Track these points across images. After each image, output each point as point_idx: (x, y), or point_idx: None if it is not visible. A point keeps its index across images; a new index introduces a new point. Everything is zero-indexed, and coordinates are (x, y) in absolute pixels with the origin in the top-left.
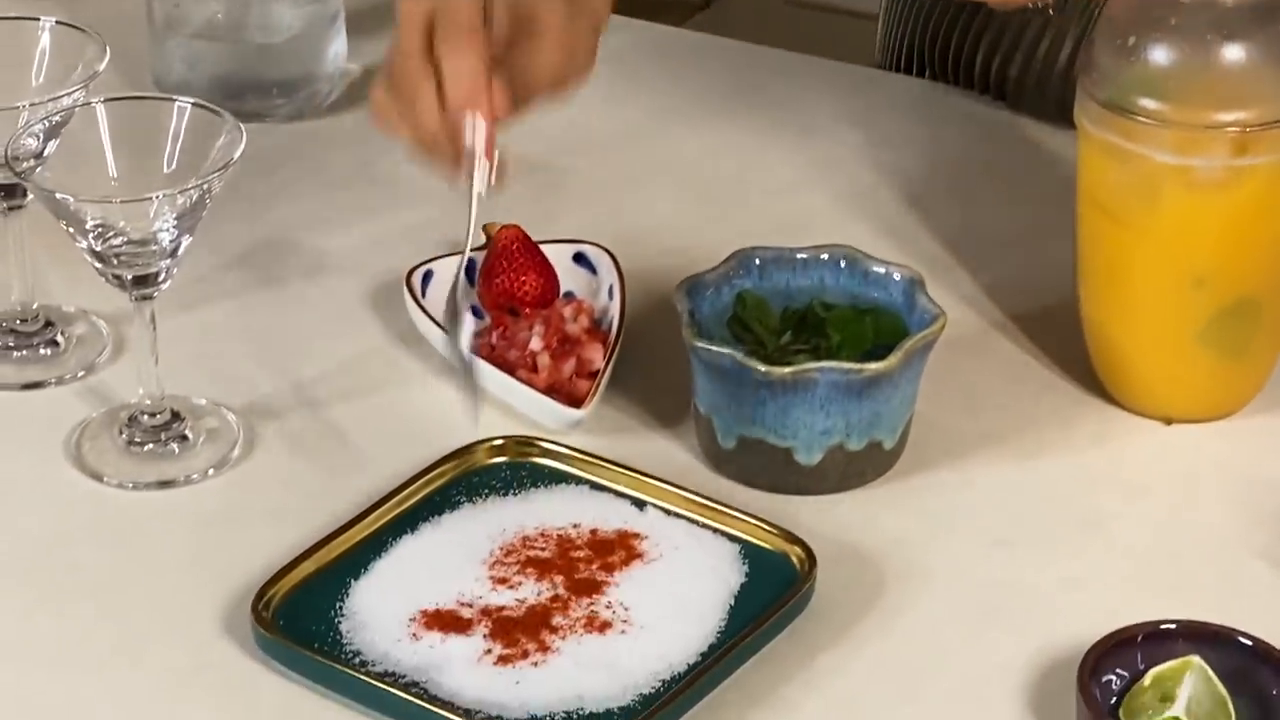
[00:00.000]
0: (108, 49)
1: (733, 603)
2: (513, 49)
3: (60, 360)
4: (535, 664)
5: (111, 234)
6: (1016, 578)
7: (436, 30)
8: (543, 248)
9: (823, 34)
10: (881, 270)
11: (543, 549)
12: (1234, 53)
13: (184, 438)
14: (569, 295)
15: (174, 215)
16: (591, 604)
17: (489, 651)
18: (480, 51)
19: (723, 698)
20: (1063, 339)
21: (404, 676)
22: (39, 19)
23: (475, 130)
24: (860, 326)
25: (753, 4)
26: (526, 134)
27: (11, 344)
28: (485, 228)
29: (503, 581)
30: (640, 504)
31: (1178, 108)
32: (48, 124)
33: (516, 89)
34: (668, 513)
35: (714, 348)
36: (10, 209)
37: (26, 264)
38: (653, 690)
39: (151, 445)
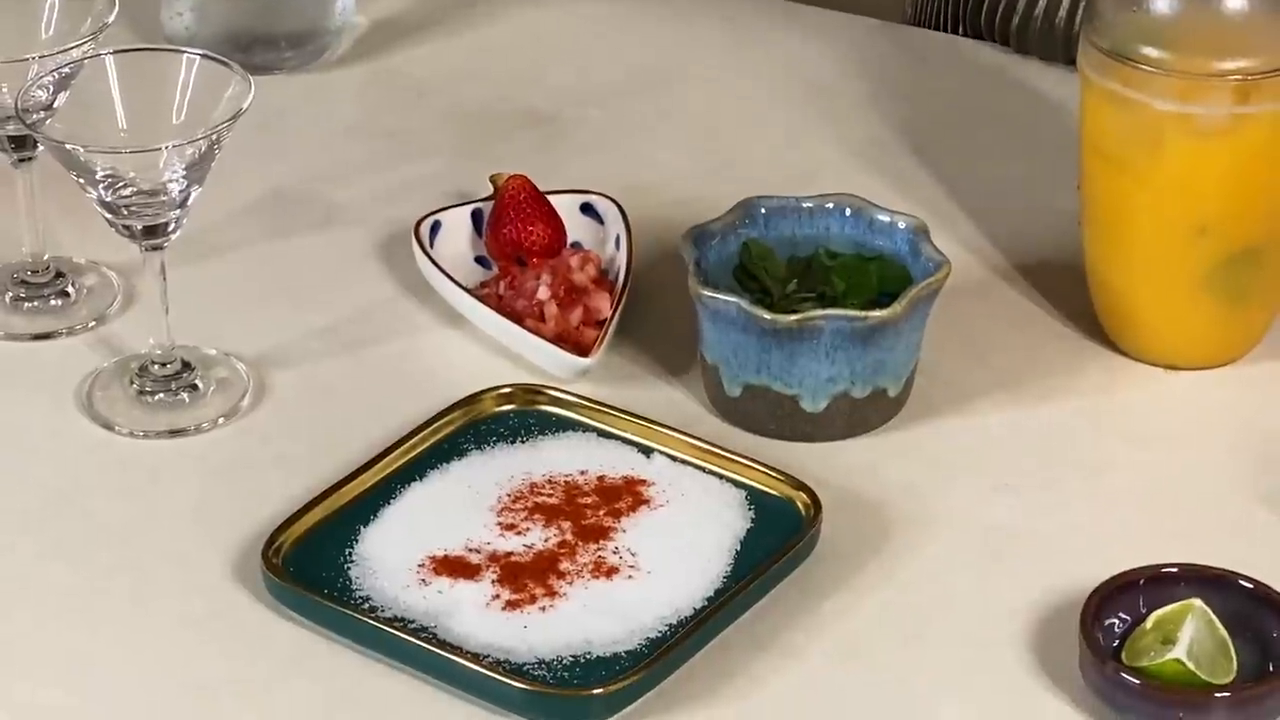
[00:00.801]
0: (116, 1)
1: (739, 548)
2: None
3: (71, 311)
4: (543, 609)
5: (121, 184)
6: (1020, 523)
7: None
8: (550, 198)
9: None
10: (886, 219)
11: (550, 495)
12: (1235, 1)
13: (194, 387)
14: (576, 245)
15: (183, 165)
16: (599, 550)
17: (497, 597)
18: None
19: (729, 641)
20: (1067, 287)
21: (413, 622)
22: None
23: None
24: (865, 275)
25: None
26: (534, 86)
27: (23, 295)
28: (492, 178)
29: (511, 528)
30: (647, 451)
31: (1180, 55)
32: (57, 76)
33: None
34: (674, 460)
35: (720, 296)
36: (21, 161)
37: (37, 216)
38: (659, 634)
39: (162, 395)
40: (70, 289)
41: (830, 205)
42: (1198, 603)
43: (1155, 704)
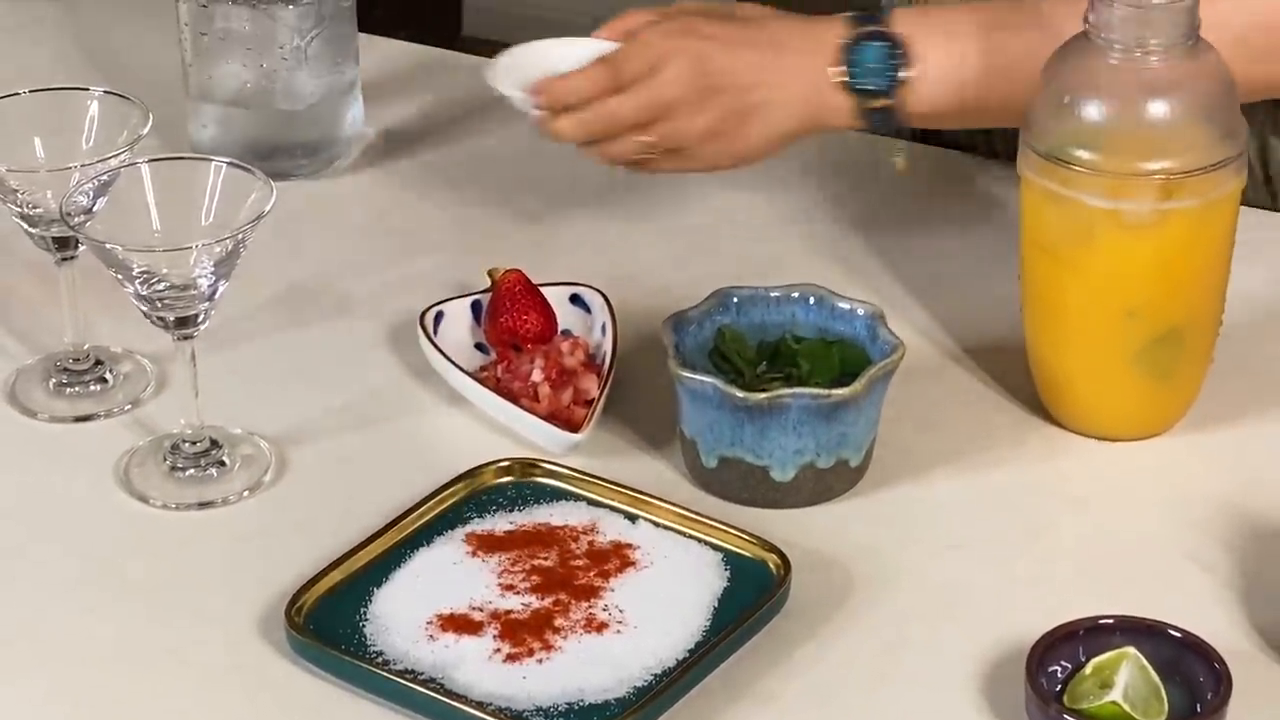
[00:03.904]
0: (150, 115)
1: (716, 605)
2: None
3: (109, 395)
4: (540, 661)
5: (155, 280)
6: (971, 579)
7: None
8: (542, 290)
9: None
10: (846, 306)
11: (545, 558)
12: (1158, 109)
13: (221, 463)
14: (566, 332)
15: (211, 262)
16: (590, 607)
17: (498, 650)
18: None
19: (709, 689)
20: (1009, 367)
21: (422, 674)
22: (89, 89)
23: None
24: (828, 357)
25: None
26: (527, 189)
27: (65, 381)
28: (490, 272)
29: (510, 588)
30: (632, 518)
31: (1109, 158)
32: (97, 183)
33: None
34: (657, 525)
35: (697, 377)
36: (64, 259)
37: (78, 309)
38: (646, 683)
39: (192, 470)
40: (108, 375)
41: (796, 294)
42: (1132, 650)
43: None
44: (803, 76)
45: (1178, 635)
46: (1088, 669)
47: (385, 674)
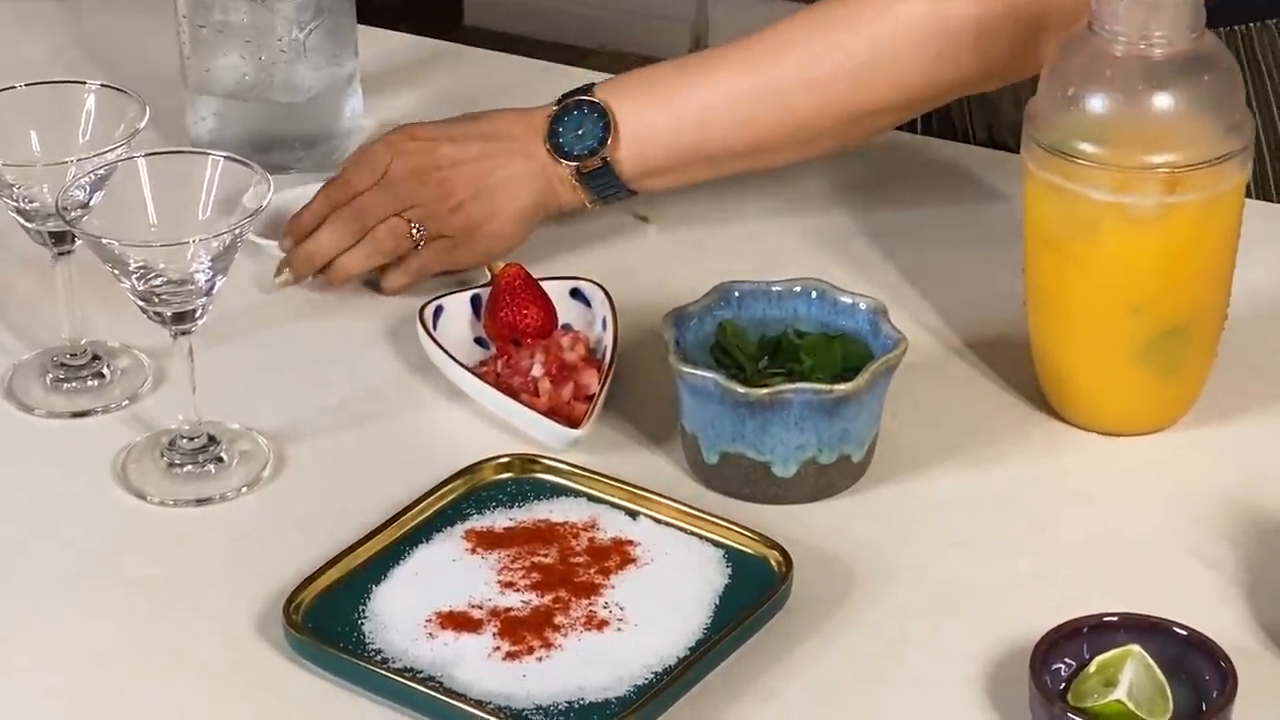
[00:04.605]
0: (147, 109)
1: (718, 602)
2: None
3: (106, 390)
4: (540, 659)
5: (152, 275)
6: (973, 576)
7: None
8: (542, 284)
9: None
10: (849, 301)
11: (545, 555)
12: (1163, 101)
13: (219, 459)
14: (566, 327)
15: (209, 257)
16: (590, 604)
17: (498, 648)
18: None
19: (710, 686)
20: (1013, 361)
21: (421, 672)
22: (85, 82)
23: None
24: (830, 351)
25: None
26: None
27: (62, 376)
28: (489, 266)
29: (510, 585)
30: (633, 514)
31: (1114, 151)
32: (94, 177)
33: None
34: (658, 521)
35: (698, 372)
36: (60, 254)
37: (75, 304)
38: (647, 682)
39: (190, 466)
40: (105, 370)
41: (798, 289)
42: (1137, 648)
43: None
44: (524, 155)
45: (1183, 633)
46: (1092, 667)
47: (384, 672)
